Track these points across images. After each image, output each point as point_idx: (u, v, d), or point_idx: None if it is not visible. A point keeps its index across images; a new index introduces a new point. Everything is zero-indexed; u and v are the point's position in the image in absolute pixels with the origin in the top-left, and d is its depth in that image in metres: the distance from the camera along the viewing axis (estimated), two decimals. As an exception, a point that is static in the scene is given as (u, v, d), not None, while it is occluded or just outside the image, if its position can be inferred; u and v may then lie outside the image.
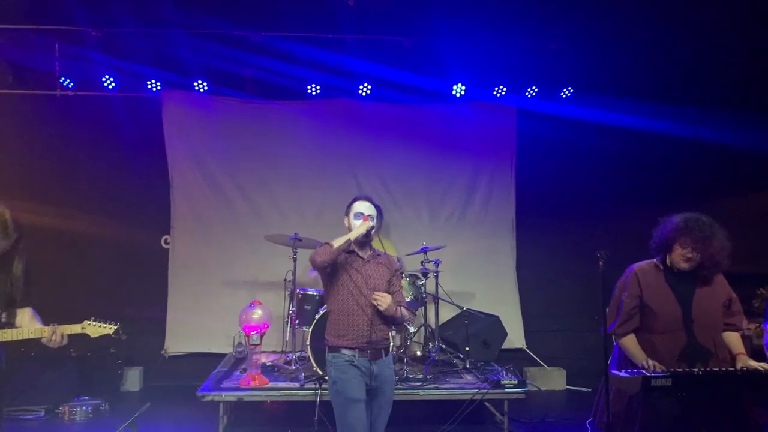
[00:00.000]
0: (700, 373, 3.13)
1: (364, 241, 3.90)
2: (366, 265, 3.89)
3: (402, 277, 4.28)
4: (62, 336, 3.71)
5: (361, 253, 3.91)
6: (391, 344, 4.12)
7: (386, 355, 3.92)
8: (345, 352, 3.78)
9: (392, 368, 4.01)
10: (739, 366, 3.35)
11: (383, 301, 3.72)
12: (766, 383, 3.19)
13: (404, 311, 3.98)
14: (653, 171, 7.63)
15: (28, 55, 6.86)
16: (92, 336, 3.87)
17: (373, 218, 3.90)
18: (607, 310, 3.68)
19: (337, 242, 3.77)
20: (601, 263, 3.23)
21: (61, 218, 7.10)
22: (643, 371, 3.14)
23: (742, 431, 3.30)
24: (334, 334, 3.85)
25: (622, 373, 3.16)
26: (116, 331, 3.86)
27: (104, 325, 3.84)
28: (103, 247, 7.20)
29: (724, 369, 3.26)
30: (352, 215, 3.95)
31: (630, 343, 3.52)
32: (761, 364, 3.31)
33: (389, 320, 3.90)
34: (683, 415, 3.18)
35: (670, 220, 3.60)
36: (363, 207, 3.94)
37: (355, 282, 3.82)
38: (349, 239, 3.81)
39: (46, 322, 3.83)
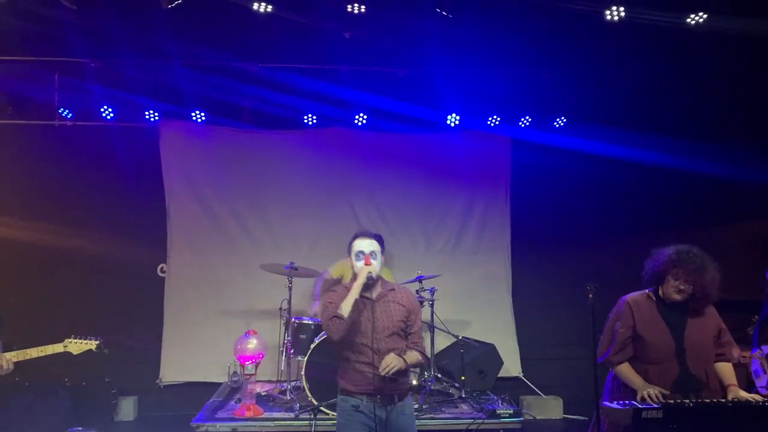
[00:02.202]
0: (691, 404, 3.15)
1: (371, 284, 3.59)
2: (375, 307, 3.59)
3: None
4: (8, 362, 3.70)
5: (368, 294, 3.60)
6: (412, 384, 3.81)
7: (400, 400, 3.60)
8: (352, 395, 3.56)
9: (409, 415, 3.65)
10: (730, 397, 3.37)
11: (389, 367, 3.41)
12: (756, 414, 3.20)
13: (418, 357, 3.66)
14: (646, 200, 7.69)
15: (28, 86, 6.93)
16: (75, 353, 3.89)
17: (375, 255, 3.64)
18: (601, 338, 3.71)
19: (346, 309, 3.47)
20: (590, 295, 3.26)
21: (59, 247, 7.12)
22: (635, 403, 3.15)
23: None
24: (341, 375, 3.66)
25: (614, 405, 3.17)
26: (98, 346, 3.89)
27: (86, 342, 3.87)
28: (99, 275, 7.19)
29: (715, 400, 3.27)
30: (353, 256, 3.67)
31: (626, 370, 3.53)
32: (752, 395, 3.33)
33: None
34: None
35: (662, 252, 3.64)
36: (363, 245, 3.65)
37: (362, 326, 3.54)
38: (356, 297, 3.50)
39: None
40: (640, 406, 3.06)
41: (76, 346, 3.87)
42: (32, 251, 7.11)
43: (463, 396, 6.10)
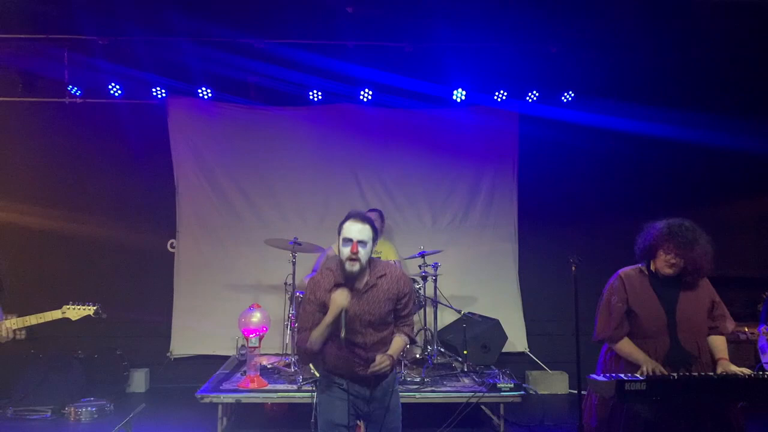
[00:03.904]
0: (675, 377, 3.15)
1: (355, 276, 3.29)
2: (361, 299, 3.32)
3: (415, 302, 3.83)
4: (7, 330, 3.80)
5: (354, 285, 3.32)
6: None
7: (384, 379, 3.44)
8: (336, 374, 3.41)
9: (394, 391, 3.49)
10: (719, 371, 3.37)
11: (380, 367, 3.26)
12: (741, 388, 3.19)
13: (404, 342, 3.50)
14: (655, 174, 7.60)
15: (38, 64, 7.01)
16: (73, 319, 3.99)
17: (364, 244, 3.27)
18: (597, 315, 3.71)
19: (315, 341, 3.28)
20: (573, 268, 3.27)
21: (69, 223, 7.28)
22: (620, 375, 3.16)
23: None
24: (325, 360, 3.44)
25: (599, 378, 3.19)
26: (96, 311, 3.99)
27: (84, 307, 3.97)
28: (110, 251, 7.34)
29: (700, 374, 3.27)
30: (341, 240, 3.31)
31: (628, 346, 3.53)
32: (741, 369, 3.32)
33: None
34: (659, 419, 3.20)
35: (653, 226, 3.62)
36: (353, 230, 3.26)
37: (348, 319, 3.27)
38: (327, 323, 3.23)
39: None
40: (623, 379, 3.07)
41: (74, 312, 3.98)
42: (43, 227, 7.25)
43: (466, 370, 6.14)
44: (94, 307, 4.00)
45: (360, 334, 3.33)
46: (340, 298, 3.21)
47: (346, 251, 3.27)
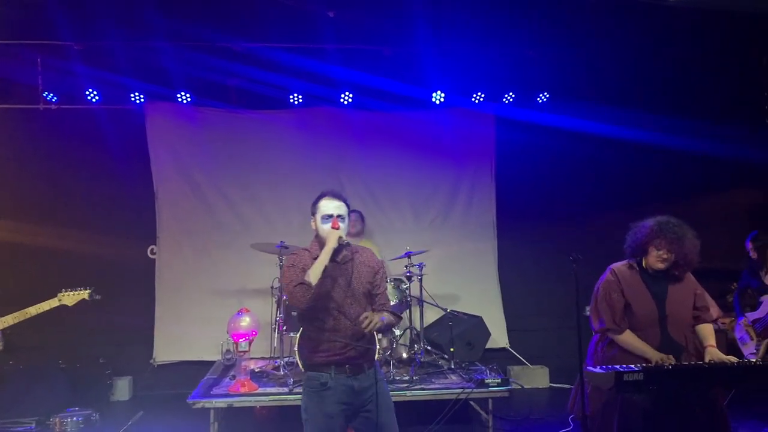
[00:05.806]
0: (670, 367, 3.31)
1: (337, 247, 3.33)
2: (341, 270, 3.39)
3: (387, 280, 3.84)
4: (2, 322, 3.82)
5: (334, 257, 3.34)
6: (377, 354, 3.67)
7: (370, 368, 3.41)
8: (320, 370, 3.33)
9: (380, 380, 3.42)
10: (707, 359, 3.54)
11: (371, 324, 3.18)
12: (731, 374, 3.38)
13: (390, 317, 3.48)
14: (627, 174, 7.80)
15: (11, 70, 6.87)
16: (70, 305, 4.03)
17: (343, 218, 3.39)
18: (592, 310, 3.84)
19: (314, 275, 3.21)
20: (574, 266, 3.40)
21: (47, 231, 7.16)
22: (616, 367, 3.29)
23: (709, 419, 3.50)
24: (307, 348, 3.40)
25: (597, 369, 3.32)
26: (90, 294, 4.03)
27: (79, 292, 4.01)
28: (89, 258, 7.21)
29: (693, 363, 3.44)
30: (319, 218, 3.41)
31: (632, 338, 3.64)
32: (728, 357, 3.50)
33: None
34: (655, 407, 3.36)
35: (642, 225, 3.79)
36: (331, 207, 3.39)
37: (330, 291, 3.32)
38: (326, 264, 3.25)
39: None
40: (621, 370, 3.21)
41: (70, 297, 4.01)
42: (19, 236, 7.11)
43: (453, 367, 6.24)
44: (89, 291, 4.04)
45: (346, 305, 3.35)
46: (334, 234, 3.33)
47: (327, 226, 3.38)
